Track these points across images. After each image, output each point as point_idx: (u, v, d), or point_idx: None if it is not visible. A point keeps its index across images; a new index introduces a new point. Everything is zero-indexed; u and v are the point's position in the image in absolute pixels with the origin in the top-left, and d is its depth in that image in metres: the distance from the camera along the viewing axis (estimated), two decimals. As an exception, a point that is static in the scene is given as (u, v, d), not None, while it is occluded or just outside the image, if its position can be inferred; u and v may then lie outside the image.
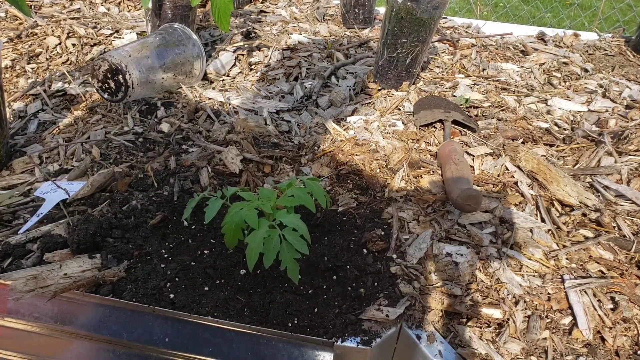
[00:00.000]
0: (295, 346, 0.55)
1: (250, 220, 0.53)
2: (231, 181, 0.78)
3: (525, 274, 0.63)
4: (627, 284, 0.62)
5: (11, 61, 1.20)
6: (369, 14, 1.55)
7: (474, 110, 1.05)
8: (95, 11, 1.53)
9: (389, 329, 0.54)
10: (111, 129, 0.94)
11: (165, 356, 0.57)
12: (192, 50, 1.10)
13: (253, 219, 0.53)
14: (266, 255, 0.52)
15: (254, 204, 0.56)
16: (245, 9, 1.69)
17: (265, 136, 0.91)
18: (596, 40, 1.49)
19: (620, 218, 0.72)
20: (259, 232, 0.52)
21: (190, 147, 0.88)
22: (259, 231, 0.52)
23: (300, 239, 0.53)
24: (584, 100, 1.09)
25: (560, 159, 0.89)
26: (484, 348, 0.54)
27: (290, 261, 0.53)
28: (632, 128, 0.95)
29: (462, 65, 1.27)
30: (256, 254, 0.52)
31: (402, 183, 0.78)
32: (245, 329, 0.54)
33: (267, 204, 0.56)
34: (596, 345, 0.55)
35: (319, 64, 1.27)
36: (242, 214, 0.53)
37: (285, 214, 0.55)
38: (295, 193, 0.58)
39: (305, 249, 0.53)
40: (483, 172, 0.82)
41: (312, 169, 0.82)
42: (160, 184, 0.76)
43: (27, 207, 0.73)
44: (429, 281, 0.61)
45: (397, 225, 0.69)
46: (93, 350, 0.60)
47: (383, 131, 0.93)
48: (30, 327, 0.59)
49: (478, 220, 0.71)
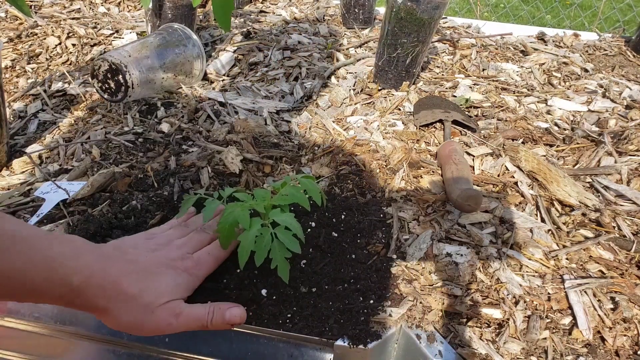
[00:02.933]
0: (295, 346, 0.55)
1: (242, 221, 0.53)
2: (231, 181, 0.78)
3: (525, 274, 0.63)
4: (627, 284, 0.62)
5: (11, 61, 1.20)
6: (369, 14, 1.55)
7: (474, 110, 1.05)
8: (95, 11, 1.53)
9: (389, 329, 0.54)
10: (111, 129, 0.94)
11: (165, 356, 0.57)
12: (192, 50, 1.10)
13: (245, 220, 0.53)
14: (257, 253, 0.52)
15: (248, 204, 0.56)
16: (245, 9, 1.69)
17: (265, 136, 0.91)
18: (596, 40, 1.49)
19: (620, 218, 0.72)
20: (251, 231, 0.52)
21: (190, 147, 0.88)
22: (251, 230, 0.53)
23: (292, 237, 0.53)
24: (584, 100, 1.09)
25: (560, 159, 0.89)
26: (484, 348, 0.54)
27: (281, 260, 0.53)
28: (632, 128, 0.95)
29: (462, 65, 1.27)
30: (247, 252, 0.52)
31: (402, 183, 0.78)
32: (245, 329, 0.54)
33: (261, 204, 0.56)
34: (596, 345, 0.55)
35: (319, 64, 1.27)
36: (235, 214, 0.53)
37: (278, 212, 0.55)
38: (289, 192, 0.58)
39: (297, 247, 0.53)
40: (483, 172, 0.82)
41: (312, 169, 0.81)
42: (160, 184, 0.76)
43: (27, 207, 0.73)
44: (429, 281, 0.61)
45: (397, 226, 0.69)
46: (93, 350, 0.60)
47: (383, 131, 0.93)
48: (30, 327, 0.59)
49: (478, 221, 0.71)
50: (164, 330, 0.48)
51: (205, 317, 0.50)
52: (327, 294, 0.57)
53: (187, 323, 0.49)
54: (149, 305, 0.47)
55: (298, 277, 0.59)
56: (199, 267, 0.55)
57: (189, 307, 0.50)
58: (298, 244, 0.53)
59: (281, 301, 0.56)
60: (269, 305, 0.55)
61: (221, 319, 0.50)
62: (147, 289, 0.48)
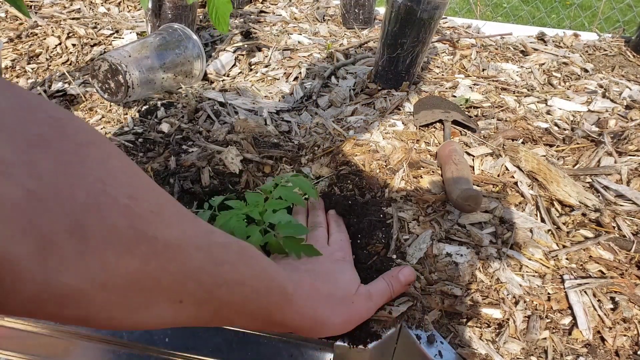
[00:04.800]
0: (295, 346, 0.55)
1: (238, 233, 0.52)
2: (231, 181, 0.78)
3: (525, 274, 0.63)
4: (627, 284, 0.62)
5: (11, 61, 1.20)
6: (369, 14, 1.55)
7: (474, 110, 1.05)
8: (95, 11, 1.53)
9: (389, 329, 0.54)
10: (111, 129, 0.94)
11: (165, 356, 0.57)
12: (192, 50, 1.10)
13: (241, 231, 0.53)
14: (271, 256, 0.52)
15: (242, 211, 0.55)
16: (245, 9, 1.69)
17: (265, 136, 0.91)
18: (596, 40, 1.49)
19: (620, 218, 0.72)
20: (253, 241, 0.52)
21: (190, 147, 0.88)
22: (252, 239, 0.52)
23: (294, 225, 0.54)
24: (584, 101, 1.09)
25: (560, 159, 0.89)
26: (484, 348, 0.54)
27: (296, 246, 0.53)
28: (632, 128, 0.95)
29: (462, 66, 1.27)
30: None
31: (402, 183, 0.78)
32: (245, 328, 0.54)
33: (255, 210, 0.55)
34: (596, 345, 0.55)
35: (319, 64, 1.27)
36: (230, 225, 0.53)
37: (271, 214, 0.55)
38: (283, 194, 0.58)
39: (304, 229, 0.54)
40: (483, 172, 0.82)
41: (312, 169, 0.81)
42: (160, 184, 0.76)
43: (27, 207, 0.73)
44: (429, 281, 0.61)
45: (397, 226, 0.69)
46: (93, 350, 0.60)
47: (383, 131, 0.93)
48: (30, 327, 0.59)
49: (478, 221, 0.71)
50: (367, 315, 0.50)
51: (389, 288, 0.52)
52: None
53: (379, 300, 0.51)
54: (346, 299, 0.48)
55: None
56: (344, 253, 0.57)
57: (371, 286, 0.52)
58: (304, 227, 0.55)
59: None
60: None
61: (399, 284, 0.53)
62: (336, 286, 0.48)
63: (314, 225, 0.62)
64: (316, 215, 0.64)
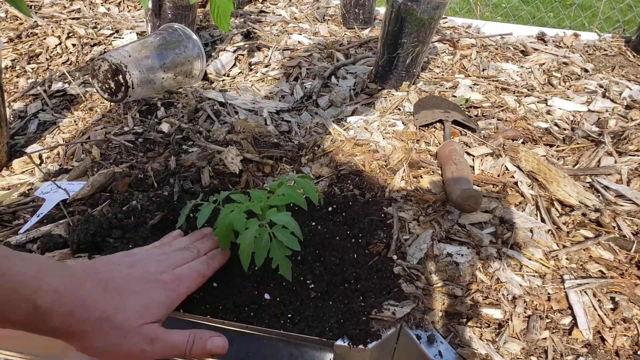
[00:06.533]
0: (295, 346, 0.55)
1: (237, 223, 0.53)
2: (231, 181, 0.78)
3: (525, 274, 0.63)
4: (627, 284, 0.62)
5: (11, 61, 1.20)
6: (369, 14, 1.55)
7: (474, 110, 1.05)
8: (95, 11, 1.53)
9: (389, 329, 0.54)
10: (111, 129, 0.94)
11: (165, 356, 0.57)
12: (192, 50, 1.10)
13: (240, 222, 0.53)
14: (257, 254, 0.52)
15: (244, 205, 0.56)
16: (245, 9, 1.69)
17: (265, 136, 0.91)
18: (596, 40, 1.49)
19: (620, 218, 0.72)
20: (249, 232, 0.52)
21: (190, 147, 0.88)
22: (248, 231, 0.52)
23: (290, 235, 0.53)
24: (584, 101, 1.09)
25: (560, 159, 0.89)
26: (484, 348, 0.54)
27: (282, 258, 0.53)
28: (632, 128, 0.95)
29: (462, 65, 1.27)
30: (248, 253, 0.51)
31: (402, 183, 0.78)
32: (245, 329, 0.54)
33: (257, 205, 0.56)
34: (596, 345, 0.55)
35: (319, 64, 1.27)
36: (230, 217, 0.53)
37: (275, 212, 0.55)
38: (285, 192, 0.58)
39: (297, 245, 0.53)
40: (483, 172, 0.82)
41: (312, 169, 0.81)
42: (160, 184, 0.76)
43: (27, 207, 0.73)
44: (429, 281, 0.61)
45: (398, 226, 0.69)
46: (93, 350, 0.60)
47: (383, 131, 0.93)
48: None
49: (478, 221, 0.71)
50: (137, 357, 0.43)
51: (184, 346, 0.46)
52: (327, 294, 0.57)
53: (163, 350, 0.44)
54: (122, 328, 0.43)
55: (298, 277, 0.59)
56: (178, 282, 0.50)
57: (166, 332, 0.45)
58: (297, 242, 0.53)
59: (282, 301, 0.56)
60: (269, 305, 0.55)
61: (202, 348, 0.46)
62: (122, 307, 0.43)
63: (187, 247, 0.57)
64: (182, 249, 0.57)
